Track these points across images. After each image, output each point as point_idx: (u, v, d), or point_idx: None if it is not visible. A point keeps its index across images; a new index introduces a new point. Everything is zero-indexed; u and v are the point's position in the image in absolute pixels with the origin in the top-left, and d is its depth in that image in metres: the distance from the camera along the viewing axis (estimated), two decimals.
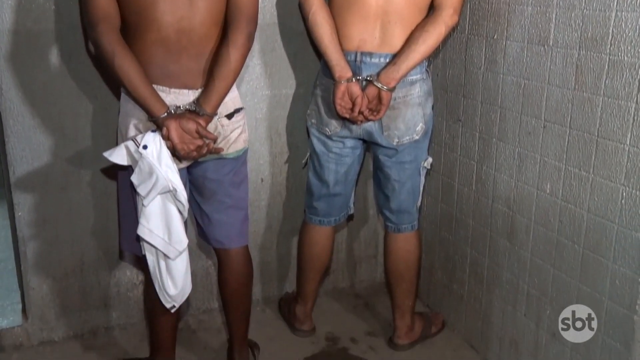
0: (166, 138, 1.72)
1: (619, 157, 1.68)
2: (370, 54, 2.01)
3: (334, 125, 2.14)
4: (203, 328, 2.51)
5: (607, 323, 1.78)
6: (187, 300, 2.51)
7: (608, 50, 1.66)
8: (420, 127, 2.10)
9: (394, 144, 2.10)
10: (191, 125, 1.73)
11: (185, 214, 1.82)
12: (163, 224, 1.78)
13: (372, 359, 2.33)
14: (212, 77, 1.77)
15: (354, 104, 2.01)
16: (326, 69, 2.06)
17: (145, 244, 1.82)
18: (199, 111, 1.77)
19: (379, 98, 1.99)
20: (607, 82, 1.68)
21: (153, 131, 1.73)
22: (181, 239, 1.81)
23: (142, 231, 1.77)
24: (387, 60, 2.00)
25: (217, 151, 1.85)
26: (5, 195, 2.30)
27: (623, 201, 1.68)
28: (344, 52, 2.02)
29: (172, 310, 1.92)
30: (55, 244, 2.28)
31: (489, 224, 2.20)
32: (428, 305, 2.66)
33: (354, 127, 2.11)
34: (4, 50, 2.02)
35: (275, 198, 2.58)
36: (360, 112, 2.02)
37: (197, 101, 1.78)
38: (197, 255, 2.51)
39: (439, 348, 2.40)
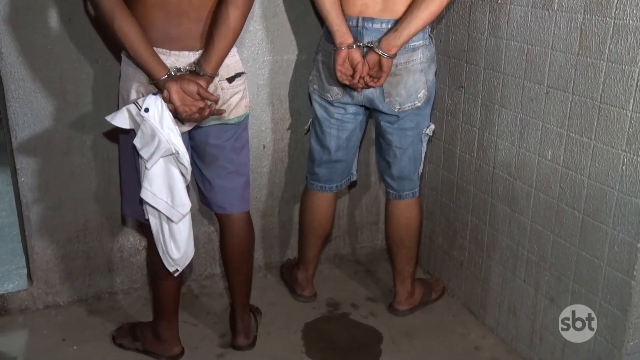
0: (167, 100, 1.72)
1: (621, 123, 1.67)
2: (372, 20, 1.99)
3: (335, 92, 2.13)
4: (205, 293, 2.53)
5: (604, 288, 1.79)
6: (190, 265, 2.53)
7: (613, 14, 1.64)
8: (422, 93, 2.09)
9: (396, 110, 2.09)
10: (192, 87, 1.72)
11: (188, 177, 1.83)
12: (166, 187, 1.79)
13: (373, 324, 2.35)
14: (211, 37, 1.76)
15: (354, 71, 2.00)
16: (328, 34, 2.04)
17: (148, 208, 1.83)
18: (199, 72, 1.76)
19: (380, 65, 1.98)
20: (611, 46, 1.66)
21: (154, 94, 1.72)
22: (184, 202, 1.81)
23: (145, 195, 1.78)
24: (389, 25, 1.98)
25: (219, 113, 1.84)
26: (8, 161, 2.31)
27: (624, 167, 1.68)
28: (346, 18, 2.00)
29: (176, 274, 1.93)
30: (58, 208, 2.29)
31: (490, 191, 2.21)
32: (428, 271, 2.68)
33: (355, 93, 2.10)
34: (4, 13, 2.01)
35: (277, 164, 2.59)
36: (361, 79, 2.01)
37: (198, 62, 1.77)
38: (199, 221, 2.53)
39: (439, 313, 2.42)
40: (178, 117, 1.77)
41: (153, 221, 1.85)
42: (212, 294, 2.53)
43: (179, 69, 1.75)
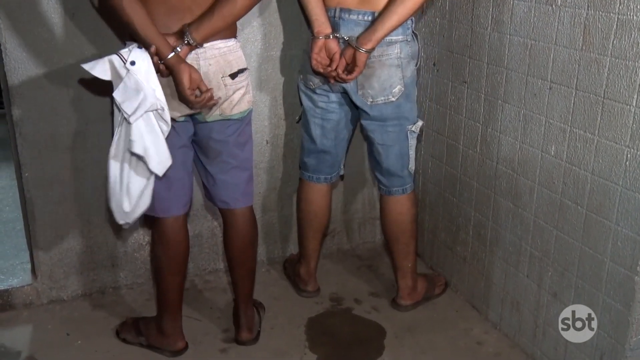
0: (163, 73, 1.73)
1: (625, 119, 1.67)
2: (349, 11, 2.00)
3: (316, 80, 2.15)
4: (209, 288, 2.54)
5: (607, 284, 1.79)
6: (193, 260, 2.55)
7: (617, 10, 1.64)
8: (397, 89, 2.08)
9: (368, 103, 2.09)
10: (197, 76, 1.74)
11: (166, 134, 1.79)
12: (151, 142, 1.75)
13: (376, 319, 2.36)
14: (212, 11, 1.75)
15: (331, 60, 2.01)
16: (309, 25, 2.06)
17: (110, 160, 1.78)
18: (185, 35, 1.73)
19: (354, 59, 1.98)
20: (615, 42, 1.66)
21: (139, 47, 1.71)
22: (168, 156, 1.78)
23: (137, 148, 1.73)
24: (367, 17, 1.99)
25: (214, 103, 1.83)
26: (12, 156, 2.31)
27: (627, 163, 1.68)
28: (326, 9, 2.01)
29: (124, 227, 1.91)
30: (62, 203, 2.30)
31: (493, 186, 2.21)
32: (431, 266, 2.68)
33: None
34: (7, 8, 2.01)
35: (279, 160, 2.59)
36: (335, 71, 2.01)
37: (188, 26, 1.75)
38: (203, 216, 2.54)
39: (442, 309, 2.43)
40: (182, 100, 1.78)
41: (113, 172, 1.79)
42: (216, 288, 2.54)
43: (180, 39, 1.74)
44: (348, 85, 2.09)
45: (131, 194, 1.82)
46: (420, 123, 2.20)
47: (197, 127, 1.94)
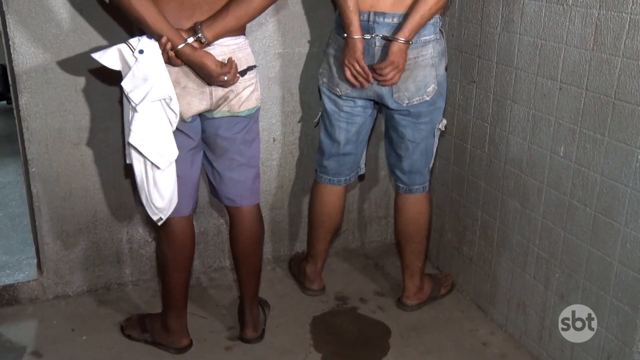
0: (174, 62, 1.73)
1: (636, 120, 1.65)
2: (384, 14, 1.99)
3: (344, 86, 2.13)
4: (214, 285, 2.54)
5: (615, 286, 1.78)
6: (199, 257, 2.55)
7: (629, 10, 1.62)
8: (432, 87, 2.07)
9: (404, 105, 2.09)
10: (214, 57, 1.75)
11: (175, 125, 1.79)
12: (155, 133, 1.75)
13: (381, 318, 2.35)
14: (226, 10, 1.74)
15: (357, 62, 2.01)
16: (340, 28, 2.03)
17: (133, 154, 1.79)
18: (197, 32, 1.73)
19: (398, 54, 1.96)
20: (626, 42, 1.64)
21: (149, 37, 1.70)
22: (172, 149, 1.78)
23: (133, 139, 1.73)
24: (401, 20, 1.98)
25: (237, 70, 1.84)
26: (19, 151, 2.31)
27: (638, 164, 1.67)
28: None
29: (159, 223, 1.91)
30: (69, 199, 2.30)
31: (501, 187, 2.20)
32: (437, 266, 2.67)
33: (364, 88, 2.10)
34: (16, 3, 2.01)
35: (287, 157, 2.58)
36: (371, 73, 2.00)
37: (200, 23, 1.74)
38: (209, 213, 2.53)
39: (447, 309, 2.42)
40: (209, 81, 1.78)
41: (137, 167, 1.81)
42: (221, 286, 2.54)
43: (192, 34, 1.74)
44: (382, 90, 2.07)
45: (160, 188, 1.82)
46: (444, 121, 2.20)
47: (204, 124, 1.93)
